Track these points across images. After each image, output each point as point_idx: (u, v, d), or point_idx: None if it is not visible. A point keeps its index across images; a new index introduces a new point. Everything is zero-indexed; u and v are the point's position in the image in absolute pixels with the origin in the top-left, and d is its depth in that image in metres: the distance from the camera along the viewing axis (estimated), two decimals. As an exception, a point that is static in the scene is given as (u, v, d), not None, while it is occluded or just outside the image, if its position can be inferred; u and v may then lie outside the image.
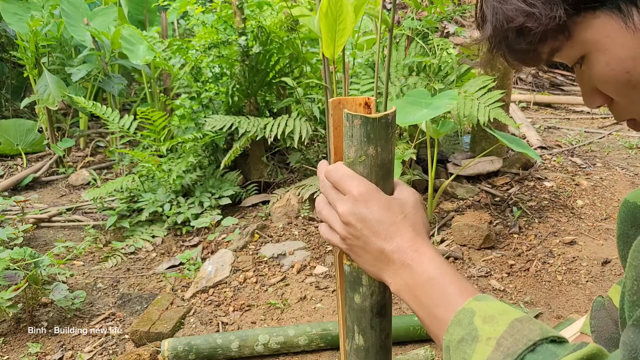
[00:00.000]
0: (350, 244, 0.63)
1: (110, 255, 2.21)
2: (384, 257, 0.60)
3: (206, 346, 1.48)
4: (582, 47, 0.55)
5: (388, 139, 0.62)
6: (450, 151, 2.74)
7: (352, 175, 0.63)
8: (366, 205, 0.61)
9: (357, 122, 0.61)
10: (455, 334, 0.52)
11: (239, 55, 2.55)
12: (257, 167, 2.74)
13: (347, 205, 0.61)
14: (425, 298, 0.57)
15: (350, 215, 0.61)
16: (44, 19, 3.24)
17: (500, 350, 0.47)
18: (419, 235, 0.61)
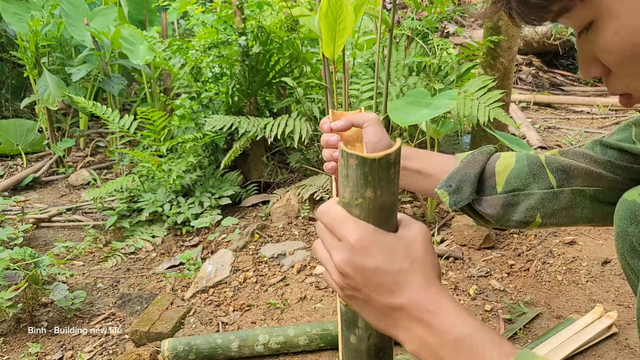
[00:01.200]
0: (349, 295, 0.56)
1: (110, 255, 2.21)
2: (392, 312, 0.53)
3: (206, 346, 1.48)
4: (593, 10, 0.52)
5: (390, 180, 0.53)
6: (450, 151, 2.74)
7: (346, 218, 0.54)
8: (365, 254, 0.52)
9: (353, 161, 0.52)
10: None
11: (239, 55, 2.55)
12: (257, 167, 2.74)
13: (343, 254, 0.53)
14: (454, 357, 0.50)
15: (346, 266, 0.53)
16: (44, 19, 3.24)
17: None
18: (431, 283, 0.53)
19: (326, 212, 0.57)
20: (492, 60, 2.52)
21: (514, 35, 2.46)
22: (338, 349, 1.53)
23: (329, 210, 0.56)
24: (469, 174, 0.88)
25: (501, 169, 0.90)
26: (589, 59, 0.58)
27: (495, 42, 2.45)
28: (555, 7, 0.54)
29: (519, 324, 1.55)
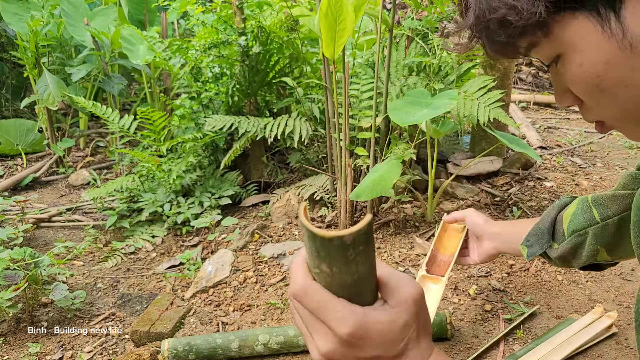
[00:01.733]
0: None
1: (110, 255, 2.21)
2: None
3: (206, 346, 1.48)
4: (558, 46, 0.55)
5: (348, 261, 0.47)
6: (450, 151, 2.74)
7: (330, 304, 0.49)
8: (359, 344, 0.48)
9: (305, 232, 0.47)
10: None
11: (239, 55, 2.55)
12: (257, 167, 2.74)
13: (330, 345, 0.49)
14: None
15: (336, 355, 0.49)
16: (44, 19, 3.24)
17: None
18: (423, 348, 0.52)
19: (308, 295, 0.51)
20: (492, 60, 2.52)
21: (514, 35, 2.46)
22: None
23: (311, 292, 0.51)
24: (541, 228, 1.07)
25: (565, 216, 1.05)
26: (561, 89, 0.61)
27: (495, 42, 2.44)
28: (523, 43, 0.57)
29: (516, 322, 1.56)
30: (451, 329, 1.51)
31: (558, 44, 0.55)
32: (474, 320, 1.62)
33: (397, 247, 2.06)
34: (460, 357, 1.47)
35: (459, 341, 1.53)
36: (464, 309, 1.68)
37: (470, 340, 1.53)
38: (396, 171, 1.79)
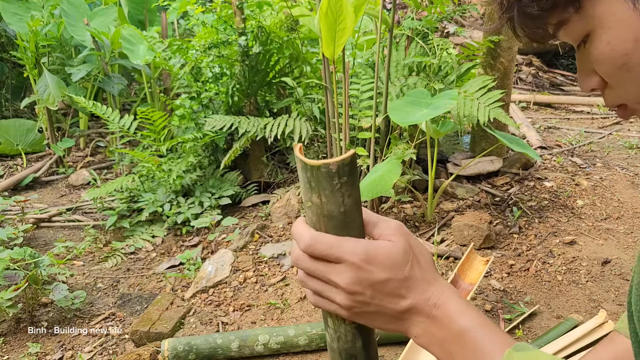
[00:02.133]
0: (358, 312, 0.57)
1: (110, 255, 2.21)
2: (402, 315, 0.56)
3: (206, 346, 1.48)
4: (588, 23, 0.55)
5: (334, 189, 0.53)
6: (450, 151, 2.74)
7: (339, 242, 0.55)
8: (370, 269, 0.54)
9: (299, 165, 0.54)
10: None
11: (239, 55, 2.55)
12: (257, 167, 2.74)
13: (349, 275, 0.54)
14: (460, 352, 0.54)
15: (355, 285, 0.54)
16: (44, 19, 3.24)
17: None
18: (433, 281, 0.57)
19: (317, 243, 0.55)
20: (492, 60, 2.52)
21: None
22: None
23: (318, 239, 0.55)
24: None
25: None
26: (586, 71, 0.60)
27: (495, 42, 2.44)
28: (553, 19, 0.57)
29: (516, 322, 1.56)
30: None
31: (588, 21, 0.55)
32: (474, 320, 1.62)
33: (397, 247, 2.06)
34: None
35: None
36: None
37: (470, 340, 1.53)
38: (396, 171, 1.79)
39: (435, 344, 0.56)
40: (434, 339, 0.56)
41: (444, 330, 0.55)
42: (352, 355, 0.63)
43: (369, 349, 0.64)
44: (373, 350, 0.65)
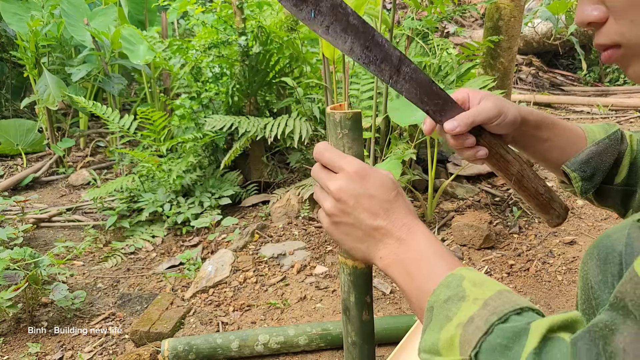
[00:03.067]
0: (337, 222, 0.63)
1: (110, 255, 2.21)
2: (376, 233, 0.60)
3: (206, 346, 1.48)
4: None
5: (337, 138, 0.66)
6: (450, 151, 2.74)
7: (344, 154, 0.64)
8: (361, 181, 0.61)
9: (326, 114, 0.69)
10: (442, 294, 0.52)
11: (239, 55, 2.55)
12: (257, 167, 2.74)
13: (340, 182, 0.62)
14: (417, 272, 0.57)
15: (342, 191, 0.61)
16: (44, 19, 3.24)
17: (486, 309, 0.48)
18: (411, 212, 0.62)
19: (325, 150, 0.65)
20: (492, 60, 2.52)
21: (514, 35, 2.46)
22: (338, 349, 1.53)
23: (328, 148, 0.65)
24: (604, 164, 0.88)
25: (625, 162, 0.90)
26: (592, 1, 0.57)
27: (495, 42, 2.44)
28: None
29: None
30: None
31: None
32: (474, 320, 1.62)
33: (397, 247, 2.06)
34: (460, 357, 1.47)
35: (459, 341, 1.53)
36: (464, 309, 1.67)
37: (470, 340, 1.53)
38: (396, 171, 1.79)
39: (396, 265, 0.59)
40: (396, 260, 0.59)
41: (408, 253, 0.58)
42: (347, 307, 0.72)
43: (360, 309, 0.71)
44: (367, 314, 0.71)
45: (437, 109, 0.74)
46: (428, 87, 0.73)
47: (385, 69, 0.70)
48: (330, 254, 2.04)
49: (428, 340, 0.51)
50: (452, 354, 0.48)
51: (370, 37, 0.69)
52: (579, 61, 4.69)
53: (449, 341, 0.48)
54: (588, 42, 4.76)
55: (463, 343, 0.47)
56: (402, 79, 0.71)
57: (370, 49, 0.69)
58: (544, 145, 0.86)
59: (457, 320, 0.49)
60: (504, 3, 2.40)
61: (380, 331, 1.50)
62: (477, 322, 0.47)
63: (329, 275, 1.90)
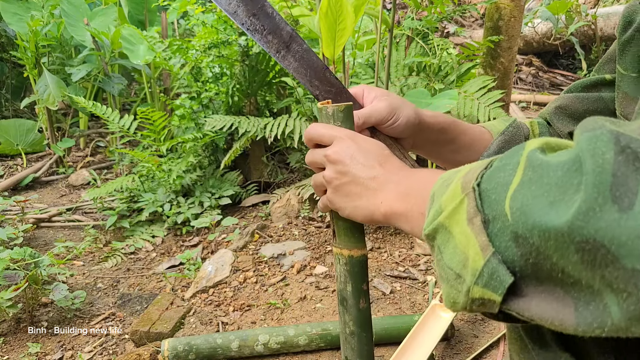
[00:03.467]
0: (336, 186, 0.64)
1: (110, 255, 2.21)
2: (373, 182, 0.61)
3: (206, 346, 1.48)
4: None
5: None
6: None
7: (332, 126, 0.68)
8: (354, 142, 0.64)
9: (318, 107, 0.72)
10: (440, 181, 0.51)
11: (239, 55, 2.55)
12: (257, 167, 2.74)
13: (335, 146, 0.65)
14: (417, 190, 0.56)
15: (338, 153, 0.64)
16: (44, 19, 3.24)
17: (484, 160, 0.47)
18: (405, 164, 0.64)
19: (314, 127, 0.68)
20: (492, 60, 2.52)
21: (514, 35, 2.46)
22: (338, 349, 1.53)
23: (317, 126, 0.68)
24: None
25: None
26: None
27: (495, 42, 2.44)
28: None
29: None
30: (451, 329, 1.51)
31: None
32: (474, 320, 1.62)
33: (397, 247, 2.06)
34: (460, 357, 1.47)
35: (459, 341, 1.53)
36: (464, 309, 1.67)
37: (470, 340, 1.53)
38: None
39: (397, 200, 0.58)
40: (397, 194, 0.59)
41: (409, 183, 0.59)
42: (343, 297, 0.72)
43: (358, 297, 0.71)
44: (364, 302, 0.72)
45: (330, 97, 0.74)
46: (320, 73, 0.73)
47: (272, 41, 0.70)
48: (330, 254, 2.03)
49: (430, 213, 0.48)
50: (454, 199, 0.45)
51: (260, 6, 0.69)
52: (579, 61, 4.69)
53: (452, 193, 0.46)
54: (588, 42, 4.76)
55: (464, 185, 0.45)
56: (290, 56, 0.71)
57: (258, 17, 0.68)
58: (450, 147, 0.85)
59: (457, 178, 0.47)
60: (504, 3, 2.40)
61: (380, 331, 1.50)
62: (475, 167, 0.46)
63: (329, 275, 1.90)
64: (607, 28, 4.40)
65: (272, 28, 0.69)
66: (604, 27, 4.41)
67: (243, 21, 0.68)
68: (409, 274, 1.90)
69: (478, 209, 0.42)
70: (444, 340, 1.52)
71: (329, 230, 2.21)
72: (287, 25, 0.70)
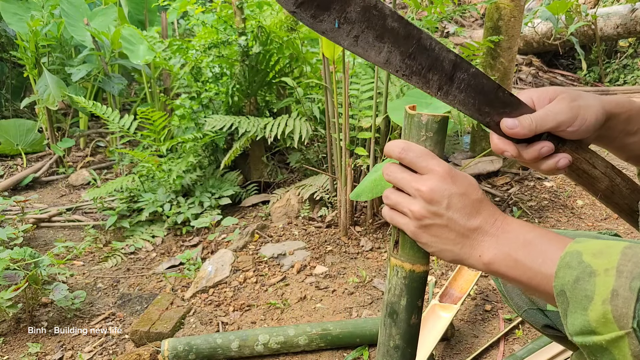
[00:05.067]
0: (427, 224, 0.61)
1: (110, 255, 2.21)
2: (471, 233, 0.60)
3: (206, 346, 1.48)
4: None
5: (419, 140, 0.62)
6: (450, 151, 2.74)
7: (431, 154, 0.61)
8: (452, 181, 0.60)
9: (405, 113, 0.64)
10: (568, 275, 0.51)
11: (239, 55, 2.55)
12: (257, 167, 2.74)
13: (432, 182, 0.60)
14: (527, 259, 0.56)
15: (435, 192, 0.59)
16: (44, 19, 3.24)
17: (623, 276, 0.47)
18: (497, 209, 0.62)
19: (409, 149, 0.62)
20: (492, 60, 2.52)
21: (514, 35, 2.46)
22: (338, 349, 1.53)
23: (412, 147, 0.62)
24: None
25: None
26: None
27: (495, 42, 2.44)
28: None
29: (516, 322, 1.55)
30: (451, 329, 1.51)
31: None
32: (474, 320, 1.62)
33: (397, 247, 2.06)
34: (460, 357, 1.47)
35: (459, 341, 1.53)
36: (464, 309, 1.68)
37: (470, 340, 1.53)
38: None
39: (501, 259, 0.58)
40: (499, 254, 0.58)
41: (511, 243, 0.58)
42: (394, 310, 0.68)
43: (410, 312, 0.67)
44: (416, 317, 0.68)
45: (503, 118, 0.63)
46: (492, 94, 0.61)
47: (433, 79, 0.59)
48: (330, 254, 2.04)
49: (576, 323, 0.50)
50: (610, 329, 0.47)
51: (415, 42, 0.56)
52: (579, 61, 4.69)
53: (602, 318, 0.47)
54: (588, 42, 4.76)
55: (618, 317, 0.46)
56: (455, 89, 0.61)
57: (414, 56, 0.57)
58: (634, 139, 0.72)
59: (599, 298, 0.48)
60: (504, 3, 2.40)
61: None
62: (622, 293, 0.46)
63: (329, 275, 1.90)
64: (607, 28, 4.40)
65: (432, 63, 0.58)
66: (604, 27, 4.41)
67: (397, 68, 0.58)
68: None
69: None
70: (444, 340, 1.52)
71: (329, 231, 2.21)
72: (448, 52, 0.58)
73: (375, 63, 0.58)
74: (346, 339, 1.51)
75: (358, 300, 1.75)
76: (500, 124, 0.65)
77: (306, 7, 0.52)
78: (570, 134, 0.65)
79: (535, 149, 0.66)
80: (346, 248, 2.07)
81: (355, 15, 0.52)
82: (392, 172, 0.64)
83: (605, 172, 0.68)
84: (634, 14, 4.18)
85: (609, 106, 0.68)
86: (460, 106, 0.62)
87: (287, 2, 0.54)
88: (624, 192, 0.70)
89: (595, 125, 0.66)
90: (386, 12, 0.53)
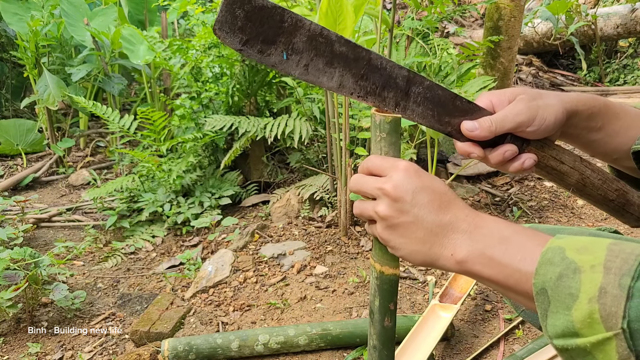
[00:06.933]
0: (393, 224, 0.58)
1: (110, 255, 2.21)
2: (441, 229, 0.57)
3: (206, 346, 1.48)
4: None
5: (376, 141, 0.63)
6: (450, 151, 2.74)
7: (389, 157, 0.61)
8: (417, 176, 0.58)
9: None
10: (550, 272, 0.47)
11: (239, 55, 2.55)
12: (257, 167, 2.74)
13: (395, 179, 0.58)
14: (504, 256, 0.53)
15: (399, 188, 0.57)
16: (44, 19, 3.24)
17: (611, 273, 0.44)
18: (467, 205, 0.59)
19: (371, 159, 0.62)
20: (492, 60, 2.52)
21: (514, 35, 2.46)
22: (338, 349, 1.53)
23: (374, 157, 0.62)
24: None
25: None
26: None
27: (495, 42, 2.44)
28: None
29: (516, 322, 1.55)
30: (451, 329, 1.51)
31: None
32: (474, 320, 1.62)
33: (397, 247, 2.06)
34: (460, 357, 1.47)
35: (459, 341, 1.53)
36: (464, 309, 1.68)
37: (470, 340, 1.53)
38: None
39: (474, 256, 0.55)
40: (472, 251, 0.55)
41: (485, 240, 0.55)
42: (371, 310, 0.69)
43: (383, 314, 0.68)
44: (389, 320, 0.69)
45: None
46: (450, 104, 0.62)
47: (388, 96, 0.59)
48: (330, 254, 2.04)
49: (558, 324, 0.46)
50: (596, 331, 0.43)
51: (366, 63, 0.57)
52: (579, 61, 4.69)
53: (588, 318, 0.44)
54: (588, 42, 4.76)
55: (606, 317, 0.43)
56: (412, 103, 0.61)
57: (366, 77, 0.57)
58: (600, 135, 0.73)
59: (585, 296, 0.44)
60: (504, 3, 2.40)
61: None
62: (611, 291, 0.43)
63: (329, 275, 1.90)
64: (607, 28, 4.40)
65: (385, 81, 0.58)
66: (604, 27, 4.41)
67: (352, 90, 0.58)
68: (409, 274, 1.90)
69: (631, 349, 0.42)
70: (444, 340, 1.52)
71: (329, 231, 2.21)
72: (401, 68, 0.59)
73: (329, 89, 0.58)
74: (346, 339, 1.51)
75: (358, 300, 1.75)
76: (460, 127, 0.64)
77: (252, 44, 0.52)
78: (531, 133, 0.65)
79: (499, 152, 0.66)
80: (346, 248, 2.07)
81: (302, 44, 0.53)
82: (355, 181, 0.62)
83: (574, 166, 0.69)
84: (634, 14, 4.18)
85: (570, 104, 0.68)
86: (421, 119, 0.62)
87: (233, 42, 0.54)
88: (595, 184, 0.70)
89: (556, 123, 0.66)
90: (332, 37, 0.54)
